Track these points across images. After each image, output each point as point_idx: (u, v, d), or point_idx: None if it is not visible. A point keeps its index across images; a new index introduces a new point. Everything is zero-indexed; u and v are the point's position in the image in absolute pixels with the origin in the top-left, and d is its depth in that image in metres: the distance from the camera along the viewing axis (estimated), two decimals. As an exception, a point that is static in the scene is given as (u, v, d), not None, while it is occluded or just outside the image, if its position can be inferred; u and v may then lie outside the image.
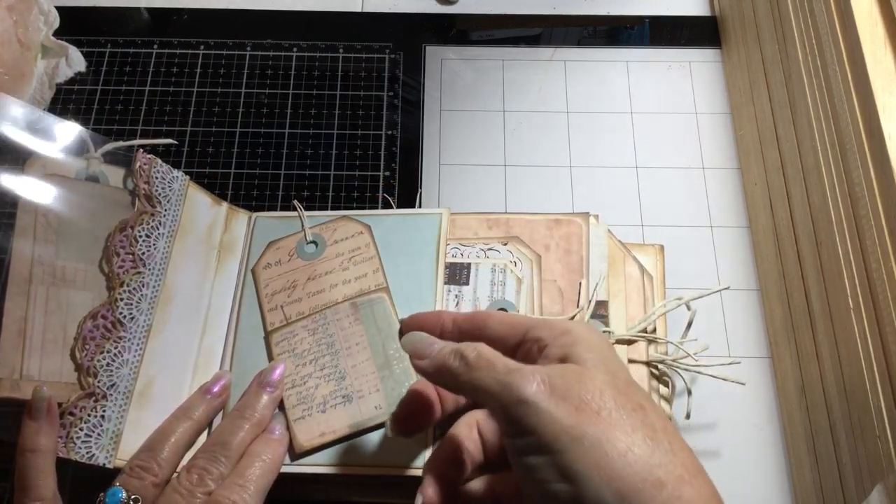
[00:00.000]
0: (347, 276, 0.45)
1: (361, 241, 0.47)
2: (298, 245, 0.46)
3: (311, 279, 0.45)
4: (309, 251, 0.46)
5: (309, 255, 0.46)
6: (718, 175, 0.61)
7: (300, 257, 0.46)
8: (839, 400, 0.44)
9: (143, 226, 0.47)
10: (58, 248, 0.45)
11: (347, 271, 0.45)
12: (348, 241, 0.47)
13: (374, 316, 0.43)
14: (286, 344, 0.44)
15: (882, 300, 0.39)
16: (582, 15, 0.69)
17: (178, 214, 0.49)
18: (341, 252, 0.46)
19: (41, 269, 0.44)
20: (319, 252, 0.46)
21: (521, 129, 0.63)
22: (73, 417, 0.41)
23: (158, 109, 0.64)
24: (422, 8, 0.70)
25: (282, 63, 0.66)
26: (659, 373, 0.49)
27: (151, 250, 0.47)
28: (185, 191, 0.50)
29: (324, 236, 0.47)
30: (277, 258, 0.46)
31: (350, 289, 0.45)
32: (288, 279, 0.45)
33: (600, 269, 0.50)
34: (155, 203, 0.48)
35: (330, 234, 0.47)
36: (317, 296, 0.45)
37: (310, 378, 0.42)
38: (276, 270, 0.46)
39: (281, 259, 0.46)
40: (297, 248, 0.46)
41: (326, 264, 0.46)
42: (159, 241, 0.47)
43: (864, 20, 0.43)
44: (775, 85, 0.55)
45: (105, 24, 0.68)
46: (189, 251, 0.49)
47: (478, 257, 0.50)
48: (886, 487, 0.38)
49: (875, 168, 0.41)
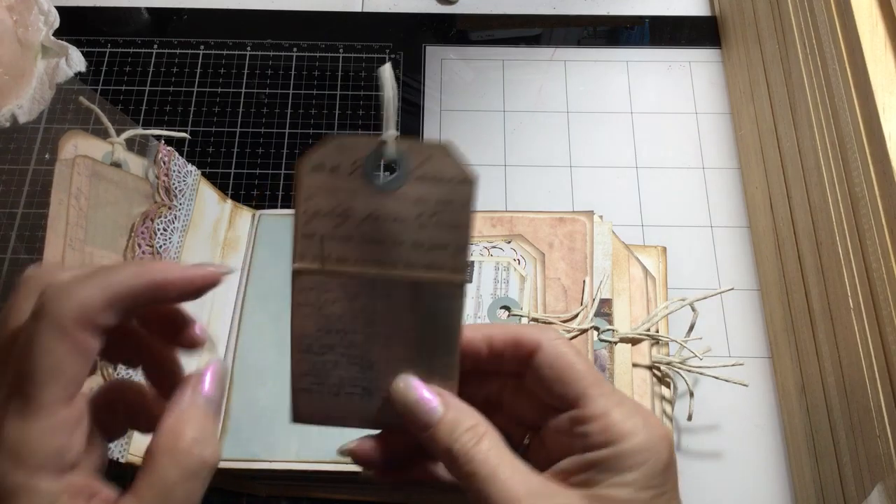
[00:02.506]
0: (421, 238, 0.31)
1: (455, 195, 0.30)
2: (371, 156, 0.30)
3: (371, 218, 0.30)
4: (383, 175, 0.31)
5: (380, 181, 0.30)
6: (718, 175, 0.61)
7: (367, 178, 0.30)
8: (839, 400, 0.44)
9: (161, 219, 0.47)
10: (87, 232, 0.44)
11: (425, 231, 0.31)
12: (439, 187, 0.31)
13: (437, 313, 0.31)
14: (314, 296, 0.31)
15: (882, 300, 0.39)
16: (582, 15, 0.69)
17: (191, 209, 0.49)
18: (425, 197, 0.30)
19: (72, 254, 0.43)
20: (397, 183, 0.30)
21: (521, 129, 0.63)
22: None
23: (158, 109, 0.64)
24: (422, 8, 0.70)
25: (282, 63, 0.66)
26: (661, 374, 0.49)
27: (167, 244, 0.47)
28: (197, 185, 0.50)
29: (410, 160, 0.30)
30: (336, 163, 0.30)
31: (420, 257, 0.31)
32: (340, 201, 0.31)
33: (604, 266, 0.50)
34: (172, 196, 0.48)
35: (420, 161, 0.30)
36: (373, 246, 0.31)
37: (330, 351, 0.32)
38: (329, 181, 0.30)
39: (341, 166, 0.30)
40: (367, 159, 0.30)
41: (399, 206, 0.30)
42: (174, 234, 0.47)
43: (864, 20, 0.43)
44: (775, 85, 0.55)
45: (105, 24, 0.68)
46: (197, 246, 0.49)
47: (481, 255, 0.50)
48: (886, 487, 0.38)
49: (875, 168, 0.41)
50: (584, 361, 0.28)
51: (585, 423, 0.27)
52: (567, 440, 0.28)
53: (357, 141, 0.30)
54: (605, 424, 0.27)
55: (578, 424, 0.27)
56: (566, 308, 0.48)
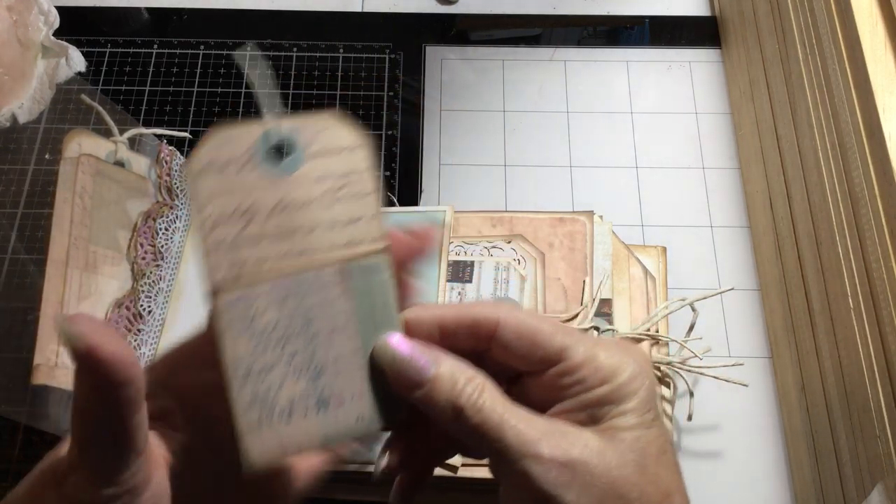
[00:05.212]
0: (334, 217, 0.29)
1: (355, 163, 0.29)
2: (260, 142, 0.28)
3: (279, 209, 0.28)
4: (277, 159, 0.28)
5: (277, 165, 0.28)
6: (718, 175, 0.61)
7: (263, 167, 0.28)
8: (839, 400, 0.44)
9: (163, 218, 0.47)
10: (91, 231, 0.44)
11: (334, 208, 0.29)
12: (338, 158, 0.29)
13: (371, 290, 0.29)
14: (240, 312, 0.28)
15: (882, 300, 0.39)
16: (582, 15, 0.69)
17: None
18: (326, 174, 0.29)
19: (76, 252, 0.43)
20: (294, 165, 0.28)
21: (521, 129, 0.63)
22: None
23: (158, 109, 0.64)
24: (422, 8, 0.70)
25: (282, 63, 0.66)
26: (661, 374, 0.49)
27: (169, 244, 0.47)
28: None
29: (301, 139, 0.28)
30: (226, 159, 0.27)
31: (337, 237, 0.29)
32: (241, 200, 0.28)
33: (604, 266, 0.50)
34: (174, 196, 0.48)
35: (310, 138, 0.29)
36: (287, 239, 0.29)
37: (273, 369, 0.29)
38: (223, 181, 0.27)
39: (231, 162, 0.27)
40: (257, 147, 0.28)
41: (303, 188, 0.29)
42: (175, 234, 0.48)
43: (864, 20, 0.43)
44: (775, 85, 0.55)
45: (105, 24, 0.68)
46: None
47: (481, 255, 0.50)
48: (886, 487, 0.38)
49: (875, 168, 0.41)
50: (545, 320, 0.29)
51: (575, 371, 0.28)
52: (556, 389, 0.28)
53: (240, 130, 0.28)
54: (595, 367, 0.28)
55: (568, 374, 0.28)
56: (566, 308, 0.48)
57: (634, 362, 0.28)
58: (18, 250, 0.57)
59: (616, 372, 0.28)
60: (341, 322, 0.29)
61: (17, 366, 0.46)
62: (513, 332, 0.28)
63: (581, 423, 0.28)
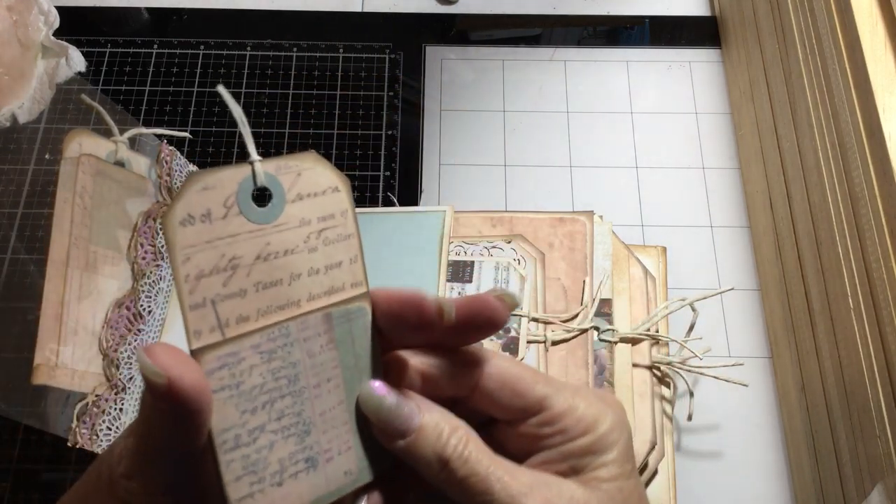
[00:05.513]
0: (316, 263, 0.28)
1: (336, 205, 0.28)
2: (242, 190, 0.26)
3: (262, 259, 0.27)
4: (258, 205, 0.27)
5: (259, 213, 0.27)
6: (718, 175, 0.61)
7: (244, 215, 0.27)
8: (839, 400, 0.44)
9: None
10: (91, 231, 0.44)
11: (316, 254, 0.28)
12: (318, 200, 0.28)
13: (353, 337, 0.29)
14: (226, 375, 0.27)
15: (882, 300, 0.39)
16: (582, 15, 0.69)
17: None
18: (308, 217, 0.28)
19: (77, 252, 0.43)
20: (276, 211, 0.27)
21: (521, 129, 0.63)
22: (98, 410, 0.41)
23: (158, 109, 0.64)
24: (422, 8, 0.70)
25: (282, 63, 0.66)
26: (661, 374, 0.49)
27: None
28: None
29: (282, 182, 0.27)
30: (205, 209, 0.26)
31: (319, 284, 0.28)
32: (223, 252, 0.27)
33: (604, 266, 0.50)
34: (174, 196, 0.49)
35: (292, 181, 0.28)
36: (271, 291, 0.28)
37: (262, 433, 0.27)
38: (204, 232, 0.26)
39: (212, 212, 0.26)
40: (239, 195, 0.26)
41: (286, 236, 0.28)
42: None
43: (864, 20, 0.43)
44: (775, 85, 0.55)
45: (105, 24, 0.68)
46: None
47: (481, 255, 0.50)
48: (886, 487, 0.38)
49: (875, 168, 0.41)
50: (526, 368, 0.28)
51: (556, 421, 0.27)
52: (535, 438, 0.28)
53: (220, 176, 0.26)
54: (577, 417, 0.27)
55: (549, 424, 0.27)
56: (566, 308, 0.48)
57: (613, 413, 0.28)
58: (18, 250, 0.57)
59: (597, 422, 0.27)
60: (327, 374, 0.28)
61: (17, 366, 0.46)
62: (496, 381, 0.28)
63: (562, 473, 0.27)
